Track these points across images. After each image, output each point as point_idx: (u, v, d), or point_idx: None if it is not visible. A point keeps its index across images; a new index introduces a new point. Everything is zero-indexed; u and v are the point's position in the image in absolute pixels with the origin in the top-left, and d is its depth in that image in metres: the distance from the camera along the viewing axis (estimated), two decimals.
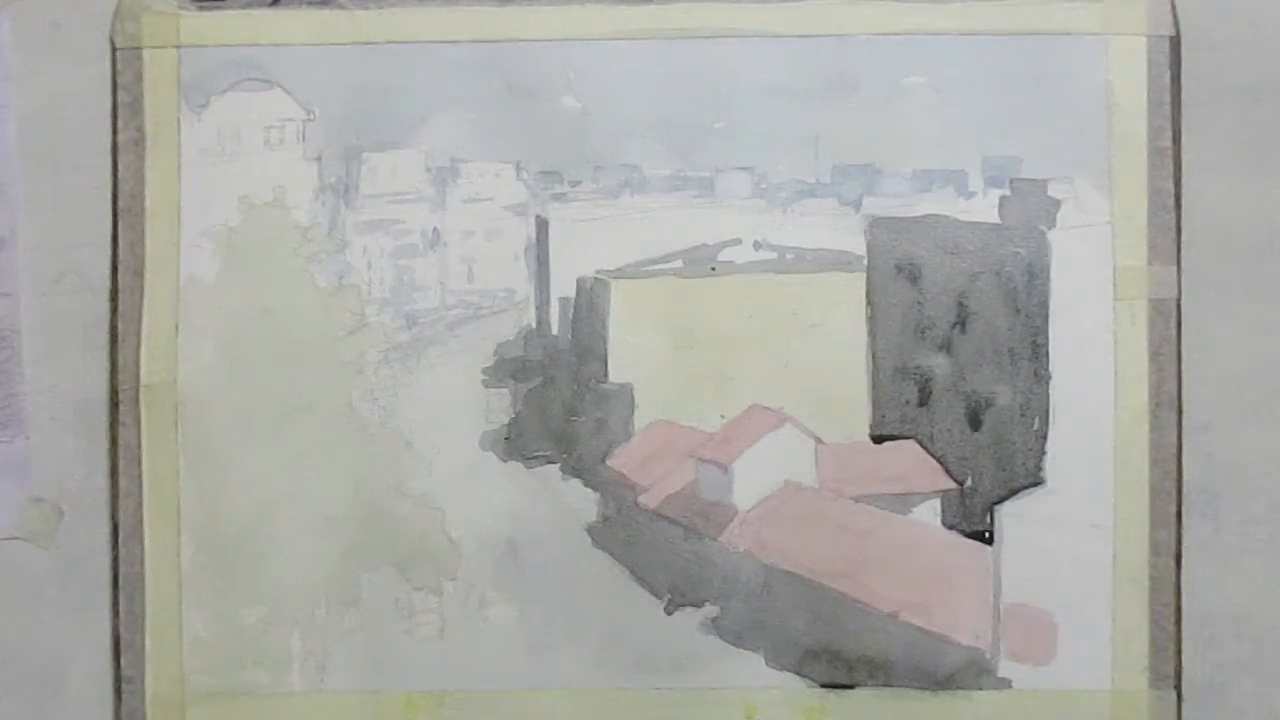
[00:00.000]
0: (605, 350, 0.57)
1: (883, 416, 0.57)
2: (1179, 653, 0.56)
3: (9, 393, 0.57)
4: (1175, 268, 0.56)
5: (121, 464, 0.57)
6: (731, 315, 0.57)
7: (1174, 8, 0.56)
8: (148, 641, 0.57)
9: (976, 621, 0.56)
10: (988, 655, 0.56)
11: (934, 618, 0.56)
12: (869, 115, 0.57)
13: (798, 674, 0.56)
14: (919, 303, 0.57)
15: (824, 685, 0.56)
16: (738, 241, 0.57)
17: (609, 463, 0.57)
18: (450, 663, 0.57)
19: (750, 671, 0.56)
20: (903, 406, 0.57)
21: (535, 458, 0.57)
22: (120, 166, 0.57)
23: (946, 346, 0.57)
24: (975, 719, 0.56)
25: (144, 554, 0.57)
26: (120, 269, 0.57)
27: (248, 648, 0.57)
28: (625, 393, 0.57)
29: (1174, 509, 0.56)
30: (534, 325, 0.57)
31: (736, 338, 0.57)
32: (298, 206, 0.57)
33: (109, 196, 0.57)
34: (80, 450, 0.57)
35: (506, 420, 0.57)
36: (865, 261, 0.57)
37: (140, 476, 0.57)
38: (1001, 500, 0.56)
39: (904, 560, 0.56)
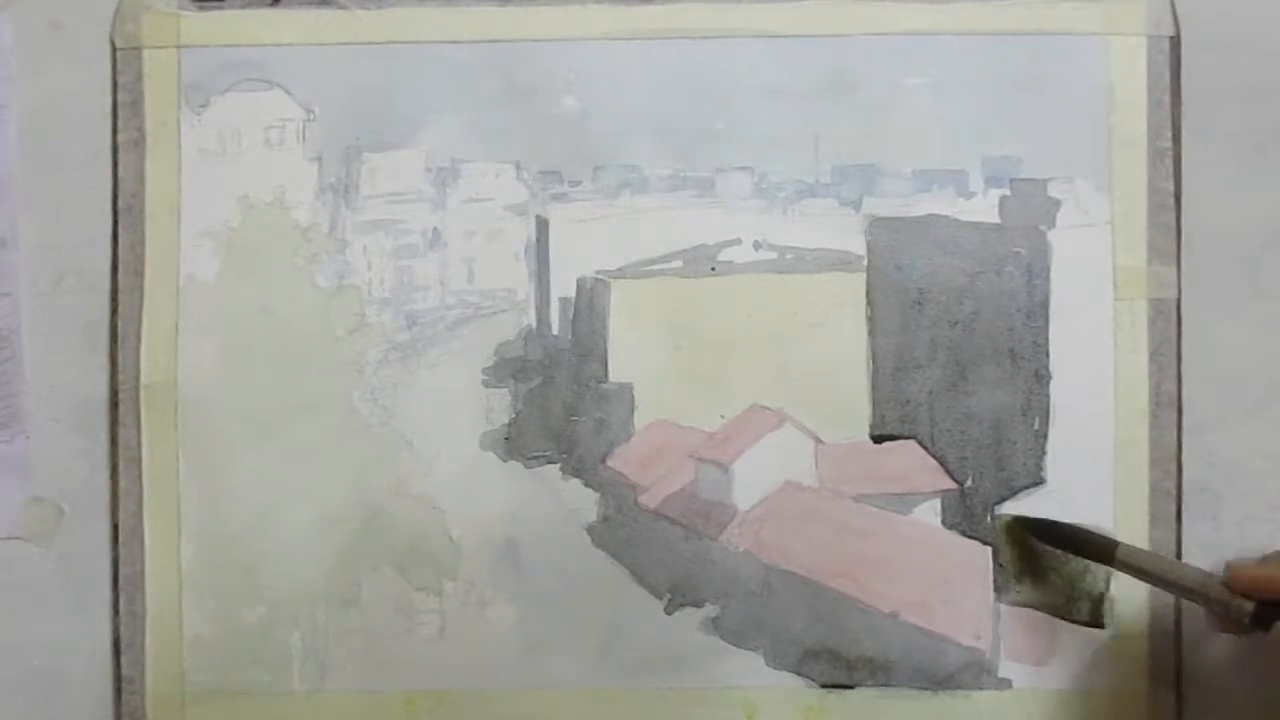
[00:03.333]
0: (605, 350, 0.57)
1: (883, 416, 0.57)
2: (1179, 653, 0.56)
3: (9, 392, 0.57)
4: (1175, 268, 0.56)
5: (122, 464, 0.57)
6: (731, 315, 0.57)
7: (1174, 8, 0.56)
8: (148, 641, 0.57)
9: (976, 621, 0.56)
10: (988, 655, 0.56)
11: (934, 618, 0.56)
12: (869, 115, 0.57)
13: (798, 674, 0.56)
14: (919, 303, 0.57)
15: (824, 685, 0.56)
16: (738, 241, 0.57)
17: (609, 463, 0.57)
18: (450, 662, 0.57)
19: (750, 671, 0.56)
20: (903, 406, 0.57)
21: (535, 458, 0.57)
22: (120, 166, 0.57)
23: (946, 346, 0.57)
24: (974, 718, 0.56)
25: (144, 553, 0.57)
26: (120, 269, 0.57)
27: (248, 647, 0.57)
28: (625, 393, 0.57)
29: (1174, 509, 0.56)
30: (534, 325, 0.57)
31: (736, 338, 0.57)
32: (298, 206, 0.57)
33: (109, 196, 0.57)
34: (80, 450, 0.57)
35: (506, 420, 0.57)
36: (865, 261, 0.57)
37: (140, 476, 0.57)
38: (1002, 500, 0.56)
39: (904, 560, 0.56)
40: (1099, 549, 0.53)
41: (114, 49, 0.57)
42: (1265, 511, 0.56)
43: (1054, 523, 0.55)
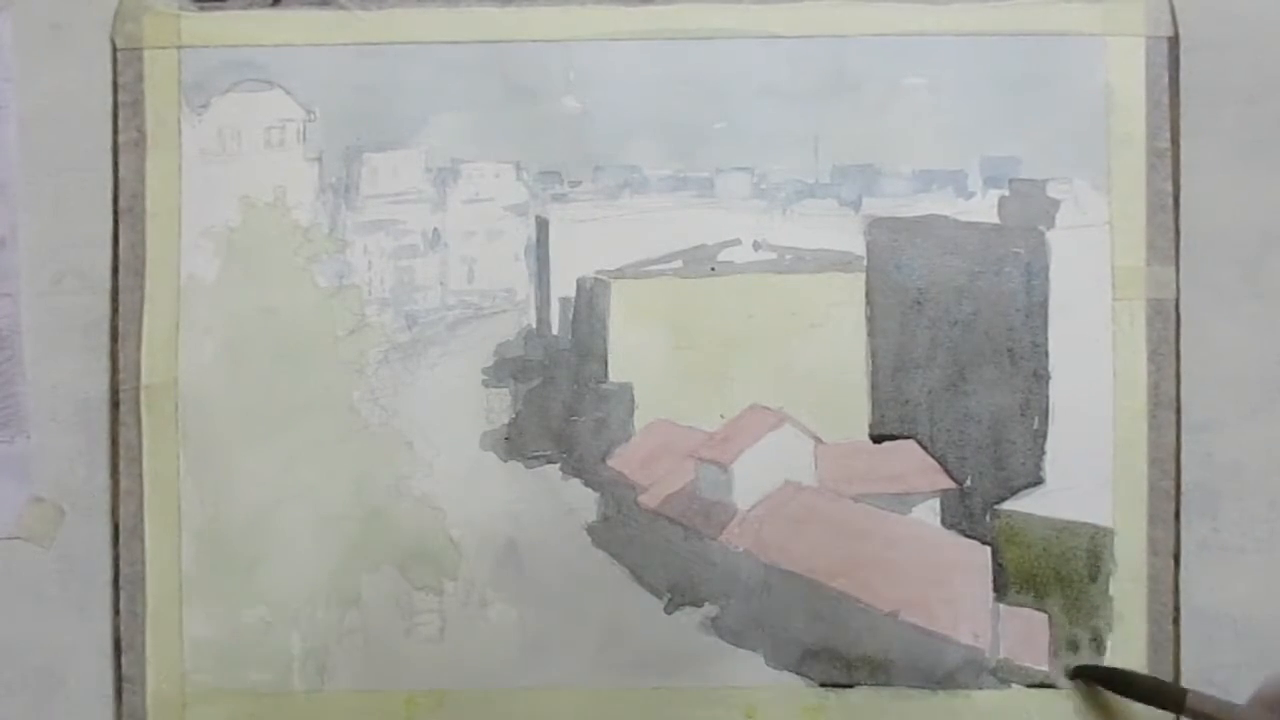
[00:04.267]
0: (605, 350, 0.57)
1: (882, 416, 0.57)
2: (1178, 652, 0.56)
3: (10, 393, 0.57)
4: (1174, 268, 0.56)
5: (122, 464, 0.57)
6: (731, 315, 0.57)
7: (1172, 9, 0.56)
8: (148, 641, 0.57)
9: (975, 621, 0.56)
10: (986, 654, 0.56)
11: (933, 617, 0.56)
12: (868, 116, 0.57)
13: (797, 673, 0.56)
14: (918, 303, 0.57)
15: (823, 684, 0.56)
16: (737, 242, 0.57)
17: (609, 462, 0.57)
18: (450, 662, 0.57)
19: (750, 671, 0.56)
20: (902, 406, 0.57)
21: (535, 458, 0.57)
22: (121, 167, 0.57)
23: (946, 346, 0.57)
24: (974, 718, 0.56)
25: (144, 553, 0.57)
26: (121, 269, 0.57)
27: (248, 647, 0.57)
28: (625, 393, 0.57)
29: (1173, 508, 0.56)
30: (534, 325, 0.57)
31: (736, 338, 0.57)
32: (298, 207, 0.57)
33: (110, 197, 0.57)
34: (81, 450, 0.57)
35: (507, 420, 0.57)
36: (865, 262, 0.57)
37: (141, 476, 0.57)
38: (1001, 500, 0.56)
39: (903, 560, 0.56)
40: (1169, 698, 0.53)
41: (114, 49, 0.57)
42: (1264, 511, 0.56)
43: (1122, 671, 0.55)
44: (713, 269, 0.57)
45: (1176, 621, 0.56)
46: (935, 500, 0.56)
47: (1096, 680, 0.55)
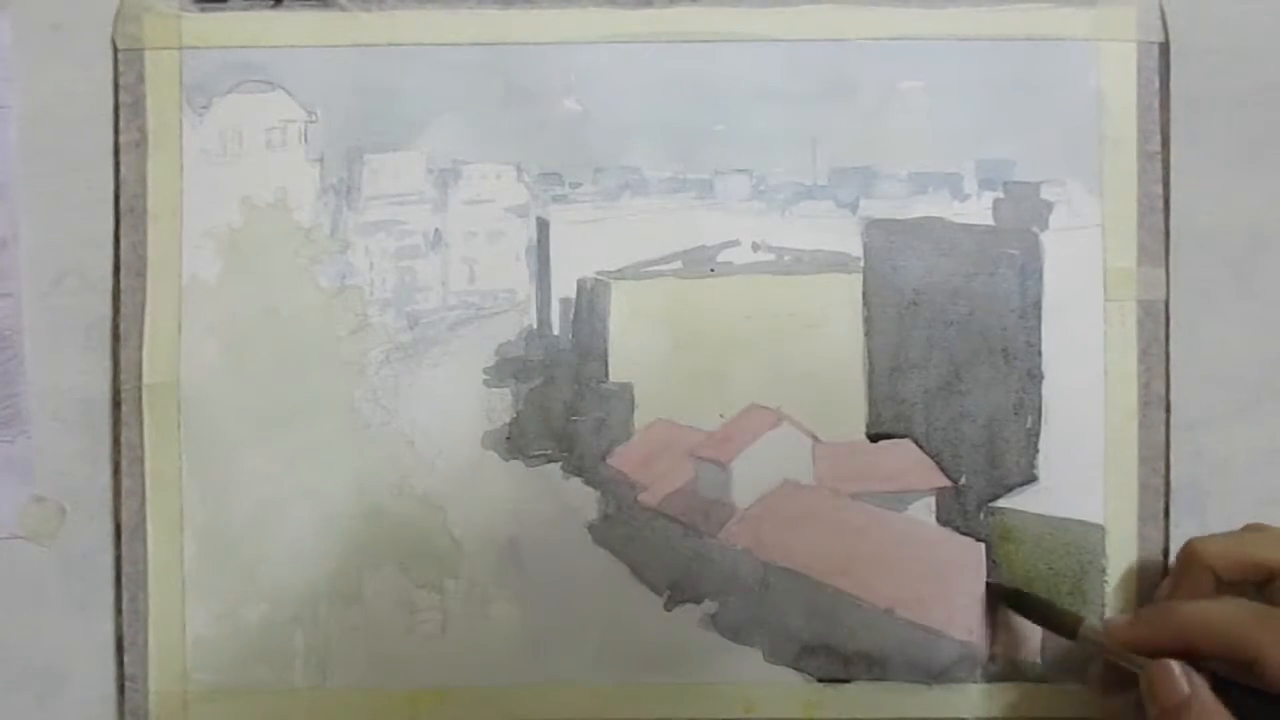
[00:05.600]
0: (605, 350, 0.57)
1: (879, 415, 0.57)
2: None
3: (11, 392, 0.57)
4: (1164, 269, 0.57)
5: (124, 463, 0.57)
6: (730, 316, 0.57)
7: (1163, 15, 0.57)
8: (150, 640, 0.57)
9: (970, 616, 0.57)
10: (981, 649, 0.57)
11: (929, 613, 0.57)
12: (866, 119, 0.57)
13: (795, 669, 0.57)
14: (914, 303, 0.57)
15: (821, 680, 0.57)
16: (736, 243, 0.57)
17: (609, 462, 0.57)
18: (452, 660, 0.57)
19: (748, 666, 0.57)
20: (898, 405, 0.57)
21: (536, 457, 0.57)
22: (122, 167, 0.57)
23: (941, 346, 0.57)
24: (968, 713, 0.57)
25: (146, 553, 0.57)
26: (122, 270, 0.57)
27: (250, 646, 0.57)
28: (625, 392, 0.57)
29: (1162, 505, 0.57)
30: (535, 326, 0.57)
31: (735, 338, 0.57)
32: (300, 208, 0.57)
33: (111, 197, 0.57)
34: (83, 449, 0.57)
35: (508, 420, 0.57)
36: (862, 263, 0.57)
37: (143, 476, 0.57)
38: (995, 497, 0.57)
39: (899, 557, 0.57)
40: (1064, 625, 0.53)
41: (115, 50, 0.57)
42: (1251, 508, 0.57)
43: (1025, 594, 0.55)
44: (712, 270, 0.57)
45: None
46: (931, 498, 0.57)
47: (1002, 598, 0.56)
